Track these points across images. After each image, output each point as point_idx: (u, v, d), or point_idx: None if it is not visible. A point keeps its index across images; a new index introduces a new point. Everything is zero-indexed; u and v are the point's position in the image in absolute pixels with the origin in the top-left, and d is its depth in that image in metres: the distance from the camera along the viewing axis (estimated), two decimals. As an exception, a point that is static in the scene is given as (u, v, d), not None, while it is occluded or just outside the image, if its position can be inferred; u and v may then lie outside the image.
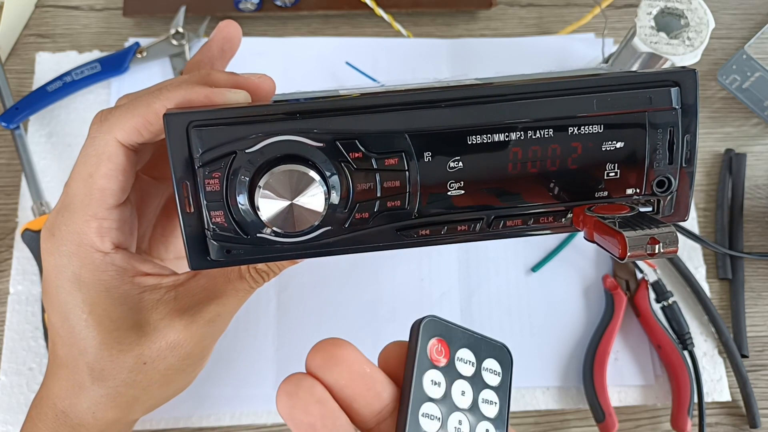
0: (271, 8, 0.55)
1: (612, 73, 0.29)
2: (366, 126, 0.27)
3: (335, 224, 0.27)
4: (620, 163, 0.28)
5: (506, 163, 0.28)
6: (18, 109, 0.49)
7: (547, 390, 0.45)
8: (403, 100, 0.27)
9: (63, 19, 0.55)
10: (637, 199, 0.29)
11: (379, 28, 0.56)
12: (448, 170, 0.28)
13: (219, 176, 0.26)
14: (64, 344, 0.31)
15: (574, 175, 0.28)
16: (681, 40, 0.44)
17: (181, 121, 0.26)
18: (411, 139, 0.27)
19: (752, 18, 0.58)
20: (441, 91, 0.27)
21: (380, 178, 0.27)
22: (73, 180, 0.28)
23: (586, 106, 0.28)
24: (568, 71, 0.32)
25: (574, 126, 0.28)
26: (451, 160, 0.28)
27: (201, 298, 0.31)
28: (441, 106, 0.27)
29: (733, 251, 0.49)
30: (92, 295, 0.30)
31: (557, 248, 0.48)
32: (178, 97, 0.27)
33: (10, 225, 0.48)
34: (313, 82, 0.53)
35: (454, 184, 0.28)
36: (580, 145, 0.28)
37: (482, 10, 0.57)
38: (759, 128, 0.54)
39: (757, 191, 0.52)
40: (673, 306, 0.47)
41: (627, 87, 0.28)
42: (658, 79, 0.28)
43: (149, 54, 0.52)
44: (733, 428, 0.46)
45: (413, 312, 0.46)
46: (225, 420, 0.44)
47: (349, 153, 0.27)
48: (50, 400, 0.32)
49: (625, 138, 0.28)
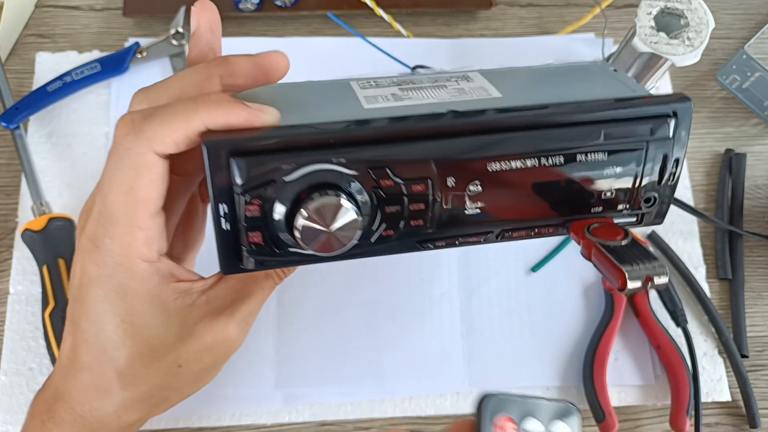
0: (271, 8, 0.55)
1: (617, 103, 0.30)
2: (397, 155, 0.28)
3: (363, 239, 0.29)
4: (617, 184, 0.31)
5: (520, 185, 0.30)
6: (18, 109, 0.49)
7: (547, 390, 0.45)
8: (430, 127, 0.28)
9: (63, 19, 0.55)
10: (626, 213, 0.33)
11: (379, 28, 0.56)
12: (468, 192, 0.30)
13: (259, 203, 0.27)
14: (90, 350, 0.31)
15: (576, 194, 0.31)
16: (681, 40, 0.44)
17: (221, 149, 0.26)
18: (437, 167, 0.29)
19: (752, 18, 0.58)
20: (465, 118, 0.29)
21: (407, 201, 0.29)
22: (111, 192, 0.28)
23: (594, 137, 0.30)
24: (568, 65, 0.34)
25: (582, 154, 0.30)
26: (471, 184, 0.30)
27: (232, 300, 0.32)
28: (466, 135, 0.28)
29: (734, 227, 0.49)
30: (136, 304, 0.30)
31: (557, 248, 0.48)
32: (218, 120, 0.27)
33: (10, 225, 0.48)
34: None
35: (472, 204, 0.30)
36: (585, 170, 0.31)
37: (482, 10, 0.57)
38: (759, 128, 0.54)
39: (756, 191, 0.52)
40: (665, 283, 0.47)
41: (632, 119, 0.30)
42: (659, 112, 0.30)
43: (149, 54, 0.52)
44: (733, 428, 0.46)
45: (413, 312, 0.46)
46: (225, 420, 0.44)
47: (380, 180, 0.28)
48: (67, 404, 0.31)
49: (624, 163, 0.31)
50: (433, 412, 0.45)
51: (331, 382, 0.45)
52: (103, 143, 0.50)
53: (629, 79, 0.34)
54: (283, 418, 0.44)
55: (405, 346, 0.46)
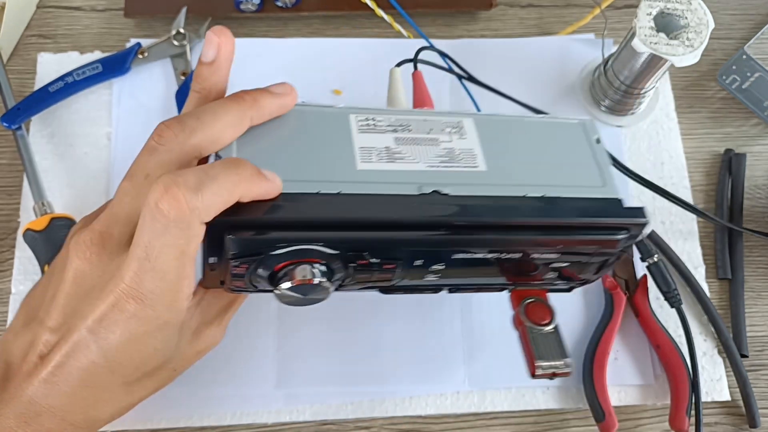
0: (271, 9, 0.55)
1: (582, 219, 0.34)
2: (375, 243, 0.31)
3: None
4: (563, 273, 0.37)
5: (478, 263, 0.34)
6: (20, 109, 0.49)
7: (546, 389, 0.46)
8: (408, 222, 0.31)
9: (64, 20, 0.56)
10: (561, 286, 0.39)
11: (379, 29, 0.56)
12: (431, 269, 0.34)
13: (246, 267, 0.30)
14: (100, 371, 0.32)
15: (522, 271, 0.36)
16: (681, 41, 0.44)
17: (220, 228, 0.29)
18: (409, 253, 0.32)
19: (752, 18, 0.58)
20: (442, 217, 0.32)
21: (377, 272, 0.33)
22: (161, 253, 0.28)
23: (554, 243, 0.34)
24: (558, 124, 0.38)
25: (539, 254, 0.34)
26: (435, 264, 0.34)
27: (219, 309, 0.36)
28: (438, 232, 0.32)
29: (733, 224, 0.49)
30: (165, 336, 0.32)
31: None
32: (250, 195, 0.29)
33: (12, 225, 0.48)
34: (314, 82, 0.53)
35: (432, 275, 0.35)
36: (537, 261, 0.35)
37: (482, 11, 0.57)
38: (759, 128, 0.55)
39: (756, 191, 0.52)
40: (658, 263, 0.46)
41: (592, 232, 0.34)
42: (615, 229, 0.34)
43: (151, 54, 0.52)
44: (733, 428, 0.46)
45: (414, 312, 0.46)
46: (226, 419, 0.44)
47: (357, 260, 0.32)
48: (56, 416, 0.32)
49: (572, 261, 0.35)
50: (433, 411, 0.45)
51: (332, 382, 0.45)
52: (105, 143, 0.50)
53: (605, 160, 0.36)
54: (284, 418, 0.44)
55: (405, 346, 0.46)
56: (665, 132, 0.53)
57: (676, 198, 0.47)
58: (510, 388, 0.45)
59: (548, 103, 0.53)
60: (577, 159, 0.36)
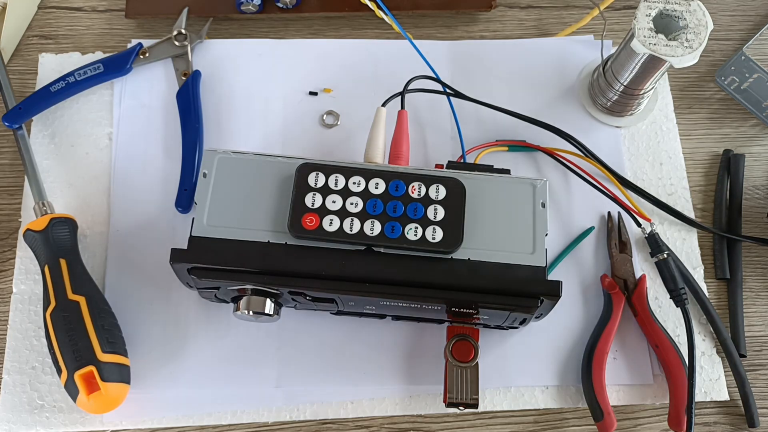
0: (272, 10, 0.55)
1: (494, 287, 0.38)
2: (310, 289, 0.38)
3: None
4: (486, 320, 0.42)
5: (412, 309, 0.41)
6: (21, 109, 0.49)
7: (546, 389, 0.46)
8: (331, 272, 0.38)
9: (66, 21, 0.56)
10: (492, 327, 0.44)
11: (379, 30, 0.56)
12: (366, 307, 0.41)
13: (208, 294, 0.42)
14: None
15: (454, 314, 0.41)
16: (679, 42, 0.44)
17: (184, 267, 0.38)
18: (342, 297, 0.39)
19: (750, 19, 0.59)
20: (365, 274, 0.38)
21: (323, 303, 0.41)
22: None
23: (467, 304, 0.38)
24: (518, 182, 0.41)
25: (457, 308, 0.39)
26: (368, 305, 0.40)
27: None
28: (365, 288, 0.38)
29: (731, 234, 0.50)
30: None
31: (562, 253, 0.48)
32: None
33: (13, 225, 0.48)
34: (314, 83, 0.53)
35: (368, 309, 0.42)
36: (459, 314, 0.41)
37: (482, 12, 0.57)
38: (757, 129, 0.55)
39: (755, 192, 0.53)
40: (668, 260, 0.46)
41: (505, 298, 0.38)
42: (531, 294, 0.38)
43: (152, 55, 0.52)
44: (732, 428, 0.46)
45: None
46: (226, 418, 0.44)
47: (299, 296, 0.39)
48: None
49: (494, 314, 0.40)
50: (433, 410, 0.45)
51: (332, 381, 0.45)
52: (106, 144, 0.51)
53: (543, 227, 0.39)
54: (284, 417, 0.44)
55: (405, 345, 0.46)
56: (664, 133, 0.53)
57: (674, 211, 0.49)
58: (509, 387, 0.45)
59: (547, 104, 0.53)
60: (516, 222, 0.39)
